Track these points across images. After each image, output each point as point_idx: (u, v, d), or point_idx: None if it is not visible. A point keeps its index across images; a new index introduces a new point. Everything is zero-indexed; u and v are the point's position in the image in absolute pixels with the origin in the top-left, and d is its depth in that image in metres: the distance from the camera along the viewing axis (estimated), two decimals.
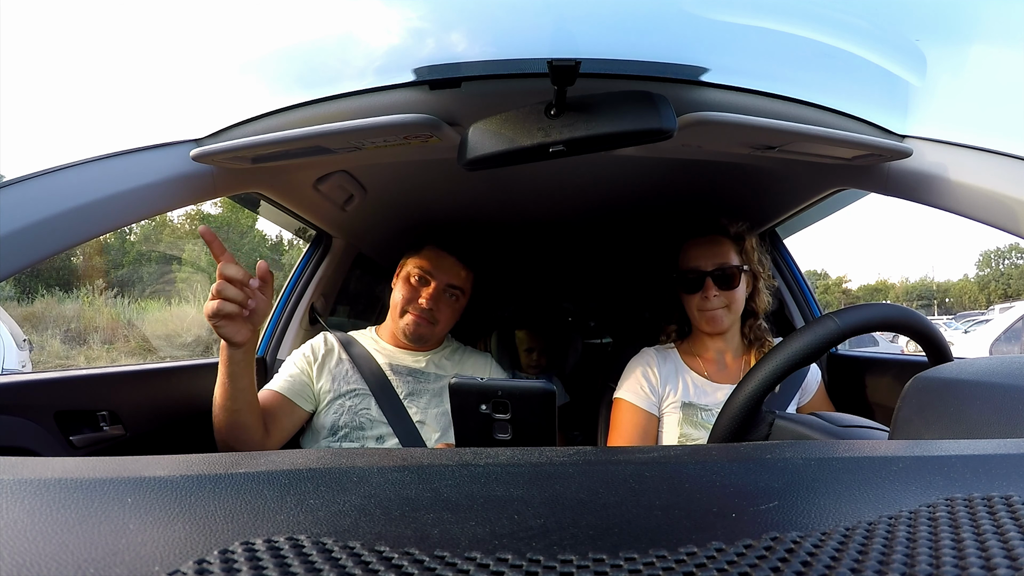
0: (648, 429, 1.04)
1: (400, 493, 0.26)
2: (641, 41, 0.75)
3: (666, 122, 0.67)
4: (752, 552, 0.20)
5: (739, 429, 0.65)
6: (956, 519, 0.22)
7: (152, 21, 2.91)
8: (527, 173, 1.04)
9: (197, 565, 0.19)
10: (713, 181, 1.18)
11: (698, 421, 1.01)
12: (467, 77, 0.76)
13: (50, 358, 8.48)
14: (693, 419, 1.02)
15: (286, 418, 0.97)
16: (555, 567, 0.19)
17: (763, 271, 1.08)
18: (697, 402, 1.03)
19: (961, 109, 38.02)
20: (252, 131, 0.80)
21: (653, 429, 1.04)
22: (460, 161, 0.75)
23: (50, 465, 0.29)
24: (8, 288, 10.51)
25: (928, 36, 0.73)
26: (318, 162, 0.91)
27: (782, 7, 0.73)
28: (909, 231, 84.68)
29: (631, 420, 1.04)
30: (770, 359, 0.64)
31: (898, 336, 6.17)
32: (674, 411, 1.03)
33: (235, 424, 0.83)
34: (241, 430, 0.84)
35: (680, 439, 1.01)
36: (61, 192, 0.66)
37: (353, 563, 0.19)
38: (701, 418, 1.02)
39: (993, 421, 0.36)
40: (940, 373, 0.42)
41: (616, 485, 0.27)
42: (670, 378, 1.06)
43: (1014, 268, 38.04)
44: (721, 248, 1.04)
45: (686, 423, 1.01)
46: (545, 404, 0.62)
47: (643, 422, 1.04)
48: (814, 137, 0.77)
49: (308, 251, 1.39)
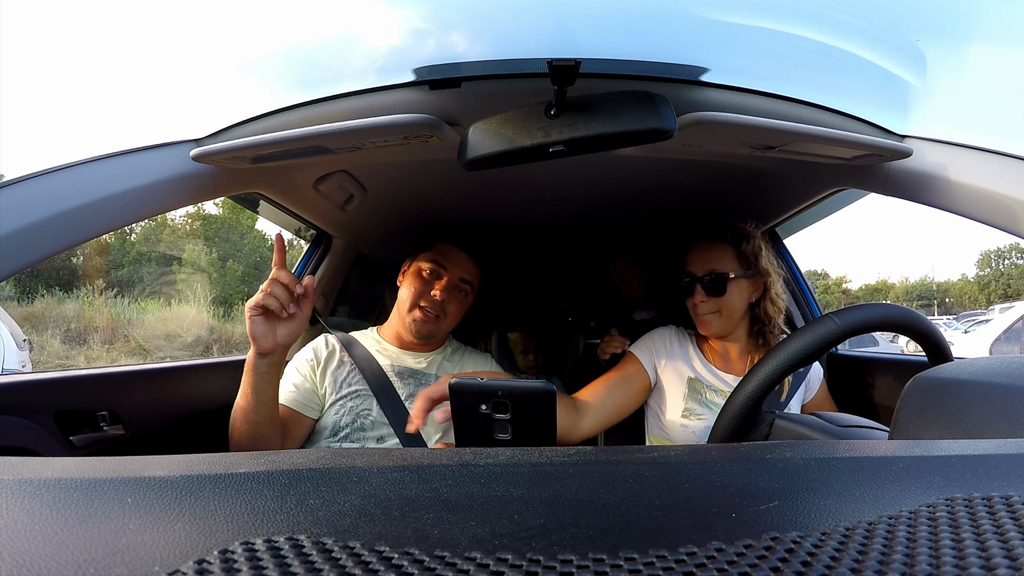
0: (634, 387, 1.04)
1: (400, 493, 0.26)
2: (641, 41, 0.75)
3: (666, 122, 0.67)
4: (752, 552, 0.20)
5: (739, 429, 0.65)
6: (956, 519, 0.22)
7: (152, 21, 2.87)
8: (527, 173, 1.04)
9: (197, 565, 0.19)
10: (713, 181, 1.18)
11: (703, 399, 1.02)
12: (467, 77, 0.76)
13: (50, 358, 8.48)
14: (699, 396, 1.02)
15: (296, 429, 0.98)
16: (555, 567, 0.19)
17: (773, 275, 1.02)
18: (703, 379, 1.04)
19: (961, 109, 38.12)
20: (252, 131, 0.80)
21: (637, 393, 1.05)
22: (460, 161, 0.75)
23: (50, 465, 0.29)
24: (8, 288, 10.52)
25: (928, 36, 0.73)
26: (318, 162, 0.91)
27: (782, 7, 0.73)
28: (909, 231, 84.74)
29: (627, 372, 1.05)
30: (770, 359, 0.64)
31: (898, 336, 6.17)
32: (679, 384, 1.04)
33: (255, 436, 0.84)
34: (261, 442, 0.85)
35: (684, 412, 1.02)
36: (61, 192, 0.66)
37: (353, 563, 0.19)
38: (706, 397, 1.02)
39: (993, 421, 0.36)
40: (940, 373, 0.42)
41: (616, 485, 0.27)
42: (683, 353, 1.07)
43: (1014, 268, 38.04)
44: (715, 253, 1.02)
45: (691, 399, 1.02)
46: (545, 404, 0.62)
47: (636, 379, 1.05)
48: (814, 137, 0.77)
49: (308, 251, 1.40)
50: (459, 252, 1.10)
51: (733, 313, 1.02)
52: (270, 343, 0.78)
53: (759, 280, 1.02)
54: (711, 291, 1.01)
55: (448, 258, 1.09)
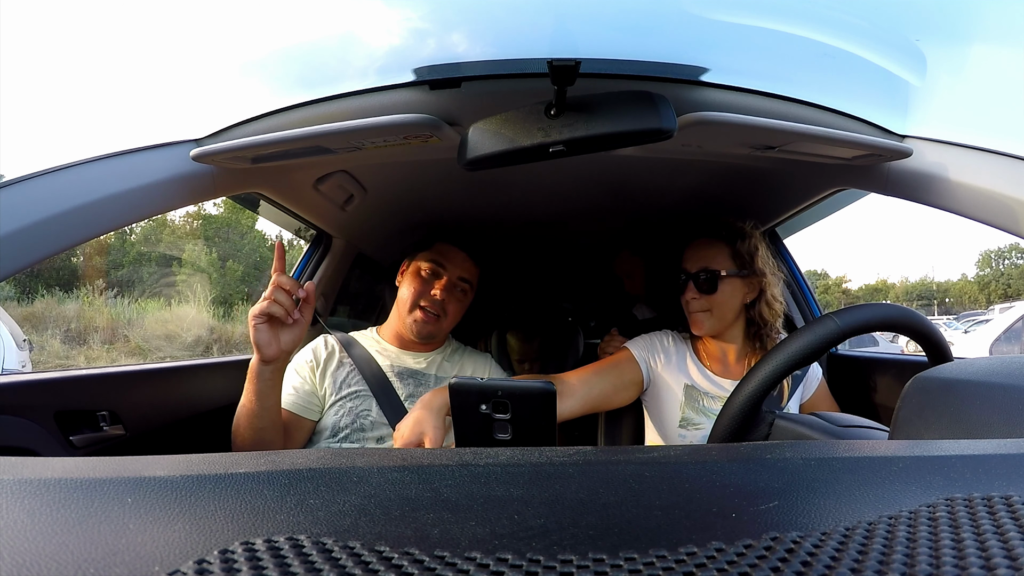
0: (624, 378, 1.03)
1: (400, 493, 0.26)
2: (641, 41, 0.75)
3: (666, 122, 0.67)
4: (752, 552, 0.20)
5: (739, 429, 0.65)
6: (956, 519, 0.22)
7: (152, 21, 2.85)
8: (527, 173, 1.04)
9: (197, 565, 0.19)
10: (713, 181, 1.18)
11: (700, 407, 1.01)
12: (467, 77, 0.76)
13: (50, 358, 8.48)
14: (696, 404, 1.01)
15: (298, 432, 0.98)
16: (555, 567, 0.19)
17: (769, 276, 1.00)
18: (700, 387, 1.03)
19: (961, 109, 37.84)
20: (252, 131, 0.80)
21: (627, 386, 1.04)
22: (460, 161, 0.75)
23: (50, 465, 0.29)
24: (8, 288, 10.51)
25: (928, 36, 0.73)
26: (318, 162, 0.91)
27: (782, 7, 0.73)
28: (909, 231, 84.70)
29: (619, 362, 1.04)
30: (770, 359, 0.64)
31: (898, 336, 6.17)
32: (676, 390, 1.03)
33: (258, 441, 0.84)
34: (264, 446, 0.85)
35: (681, 423, 1.01)
36: (61, 192, 0.66)
37: (353, 563, 0.19)
38: (703, 404, 1.01)
39: (993, 421, 0.36)
40: (940, 373, 0.42)
41: (616, 485, 0.27)
42: (679, 360, 1.06)
43: (1014, 268, 38.02)
44: (710, 251, 1.01)
45: (688, 407, 1.01)
46: (545, 404, 0.62)
47: (627, 371, 1.04)
48: (814, 137, 0.77)
49: (308, 251, 1.39)
50: (458, 251, 1.10)
51: (725, 312, 1.00)
52: (274, 350, 0.79)
53: (754, 280, 1.01)
54: (703, 288, 1.00)
55: (447, 257, 1.09)
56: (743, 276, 1.00)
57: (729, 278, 1.00)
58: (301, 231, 1.41)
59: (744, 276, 1.00)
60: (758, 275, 1.00)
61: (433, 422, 0.77)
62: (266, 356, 0.79)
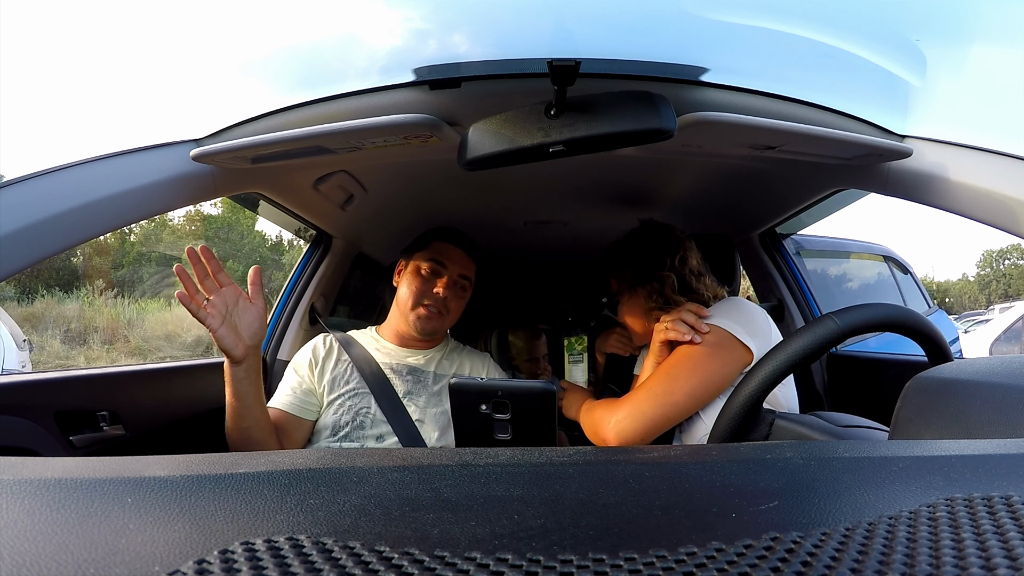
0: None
1: (400, 493, 0.26)
2: (641, 41, 0.75)
3: (666, 122, 0.67)
4: (752, 552, 0.20)
5: (739, 429, 0.65)
6: (956, 519, 0.22)
7: (152, 21, 2.88)
8: (527, 173, 1.04)
9: (197, 565, 0.19)
10: (713, 181, 1.18)
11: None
12: (467, 77, 0.76)
13: (50, 358, 8.47)
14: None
15: (295, 432, 0.98)
16: (555, 567, 0.19)
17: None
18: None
19: (961, 109, 37.71)
20: (252, 131, 0.80)
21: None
22: (460, 161, 0.75)
23: (50, 465, 0.29)
24: (8, 288, 10.50)
25: (928, 36, 0.73)
26: (318, 162, 0.91)
27: (782, 7, 0.73)
28: (909, 231, 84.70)
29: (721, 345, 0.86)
30: (770, 359, 0.64)
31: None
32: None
33: (248, 441, 0.84)
34: (254, 446, 0.85)
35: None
36: (61, 192, 0.66)
37: (353, 563, 0.19)
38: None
39: (993, 421, 0.36)
40: (940, 373, 0.42)
41: (616, 485, 0.27)
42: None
43: (1014, 268, 37.97)
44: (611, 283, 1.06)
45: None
46: (545, 404, 0.62)
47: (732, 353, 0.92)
48: (814, 137, 0.77)
49: (308, 251, 1.39)
50: (456, 249, 1.11)
51: (633, 325, 1.02)
52: (241, 349, 0.80)
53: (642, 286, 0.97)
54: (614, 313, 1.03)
55: (446, 256, 1.09)
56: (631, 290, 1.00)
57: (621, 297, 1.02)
58: (301, 231, 1.41)
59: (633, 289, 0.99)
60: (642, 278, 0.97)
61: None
62: (236, 356, 0.80)
